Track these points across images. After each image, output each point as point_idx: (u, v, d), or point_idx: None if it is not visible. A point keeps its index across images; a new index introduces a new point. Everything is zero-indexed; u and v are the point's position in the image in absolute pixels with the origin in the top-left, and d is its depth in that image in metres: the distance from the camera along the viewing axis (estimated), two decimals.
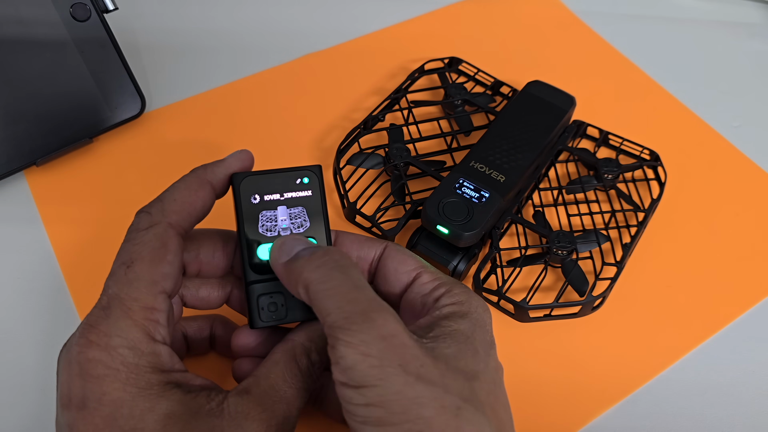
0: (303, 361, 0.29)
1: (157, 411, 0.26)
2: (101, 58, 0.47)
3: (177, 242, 0.29)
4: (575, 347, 0.40)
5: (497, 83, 0.52)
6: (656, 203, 0.45)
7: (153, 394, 0.26)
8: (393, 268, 0.32)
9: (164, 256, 0.28)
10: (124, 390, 0.26)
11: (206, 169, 0.31)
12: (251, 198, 0.31)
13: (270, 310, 0.30)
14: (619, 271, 0.41)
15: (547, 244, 0.42)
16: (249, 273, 0.30)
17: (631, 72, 0.57)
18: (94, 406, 0.26)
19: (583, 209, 0.46)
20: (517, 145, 0.44)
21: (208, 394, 0.27)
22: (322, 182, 0.32)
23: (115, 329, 0.27)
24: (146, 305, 0.28)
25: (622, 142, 0.49)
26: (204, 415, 0.26)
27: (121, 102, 0.48)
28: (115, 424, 0.26)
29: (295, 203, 0.31)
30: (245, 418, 0.27)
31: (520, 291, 0.42)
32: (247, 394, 0.28)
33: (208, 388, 0.28)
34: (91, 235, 0.38)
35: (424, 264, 0.32)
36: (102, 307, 0.28)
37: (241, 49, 0.56)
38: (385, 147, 0.47)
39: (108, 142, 0.48)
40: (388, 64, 0.55)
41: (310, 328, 0.30)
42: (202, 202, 0.30)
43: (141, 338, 0.27)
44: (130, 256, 0.28)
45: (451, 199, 0.41)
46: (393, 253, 0.33)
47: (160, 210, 0.29)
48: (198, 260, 0.32)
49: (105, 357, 0.26)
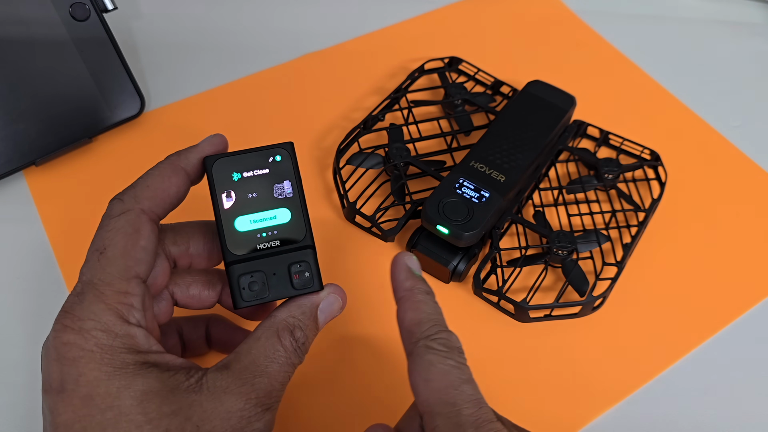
0: (286, 338, 0.29)
1: (134, 388, 0.26)
2: (100, 57, 0.47)
3: (150, 228, 0.29)
4: (575, 347, 0.40)
5: (497, 83, 0.52)
6: (657, 203, 0.45)
7: (129, 373, 0.27)
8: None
9: (137, 242, 0.29)
10: (100, 370, 0.26)
11: (180, 155, 0.31)
12: (224, 179, 0.30)
13: (251, 289, 0.30)
14: (620, 271, 0.41)
15: (548, 244, 0.42)
16: (228, 253, 0.30)
17: (631, 71, 0.57)
18: (72, 387, 0.26)
19: (583, 209, 0.46)
20: (518, 144, 0.44)
21: (188, 372, 0.28)
22: (295, 159, 0.31)
23: (88, 313, 0.27)
24: (119, 290, 0.28)
25: (622, 141, 0.49)
26: (183, 392, 0.27)
27: (120, 102, 0.48)
28: (92, 404, 0.26)
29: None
30: (224, 392, 0.27)
31: (520, 291, 0.42)
32: (227, 369, 0.28)
33: (187, 367, 0.28)
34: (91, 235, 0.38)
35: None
36: (76, 293, 0.28)
37: (241, 49, 0.56)
38: (384, 147, 0.47)
39: (107, 142, 0.48)
40: (388, 64, 0.55)
41: (294, 305, 0.30)
42: (176, 187, 0.30)
43: (114, 321, 0.27)
44: (102, 242, 0.29)
45: (451, 199, 0.41)
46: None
47: (132, 197, 0.29)
48: (188, 253, 0.32)
49: (79, 340, 0.27)
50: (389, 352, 0.39)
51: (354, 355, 0.39)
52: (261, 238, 0.30)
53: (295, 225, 0.31)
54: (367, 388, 0.38)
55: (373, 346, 0.39)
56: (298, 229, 0.31)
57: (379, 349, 0.39)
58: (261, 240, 0.30)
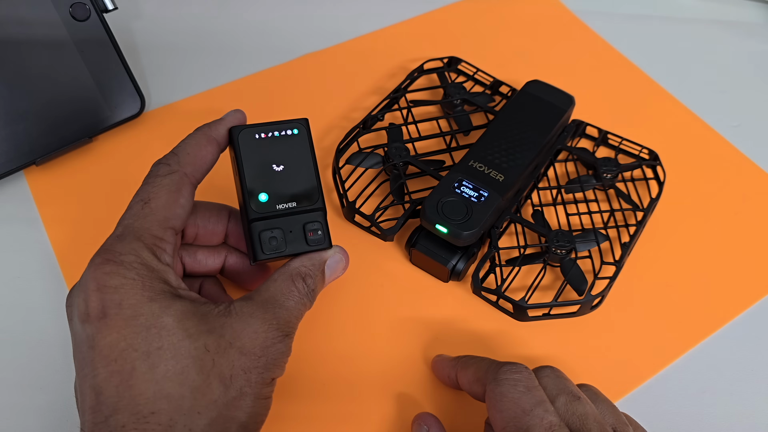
0: (299, 281, 0.33)
1: (174, 308, 0.29)
2: (101, 57, 0.47)
3: (189, 191, 0.33)
4: (574, 346, 0.40)
5: (496, 83, 0.52)
6: (655, 202, 0.46)
7: (167, 297, 0.30)
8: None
9: (177, 199, 0.32)
10: (142, 295, 0.29)
11: (210, 127, 0.35)
12: (249, 146, 0.34)
13: (271, 243, 0.34)
14: (618, 270, 0.42)
15: (546, 244, 0.42)
16: (251, 211, 0.34)
17: (630, 71, 0.57)
18: (114, 311, 0.29)
19: (582, 208, 0.46)
20: (516, 144, 0.44)
21: (214, 303, 0.31)
22: (309, 132, 0.35)
23: (129, 249, 0.30)
24: (156, 235, 0.31)
25: (621, 141, 0.49)
26: (214, 316, 0.30)
27: (120, 101, 0.48)
28: (136, 323, 0.29)
29: None
30: (250, 317, 0.30)
31: (518, 290, 0.42)
32: (251, 299, 0.32)
33: (213, 300, 0.32)
34: (91, 234, 0.39)
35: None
36: (116, 235, 0.31)
37: (241, 49, 0.56)
38: (384, 146, 0.47)
39: (108, 142, 0.48)
40: (387, 64, 0.55)
41: (306, 258, 0.34)
42: (211, 155, 0.34)
43: (151, 258, 0.31)
44: (148, 194, 0.32)
45: (450, 198, 0.41)
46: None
47: (176, 161, 0.33)
48: (195, 224, 0.36)
49: (121, 270, 0.29)
50: (389, 353, 0.39)
51: (353, 356, 0.39)
52: (280, 200, 0.34)
53: (309, 189, 0.35)
54: (366, 388, 0.38)
55: (372, 345, 0.39)
56: (312, 193, 0.34)
57: (378, 350, 0.39)
58: (280, 201, 0.34)
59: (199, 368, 0.28)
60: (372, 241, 0.44)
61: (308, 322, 0.39)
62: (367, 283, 0.42)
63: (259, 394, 0.30)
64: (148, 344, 0.28)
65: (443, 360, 0.37)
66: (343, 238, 0.43)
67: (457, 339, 0.40)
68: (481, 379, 0.33)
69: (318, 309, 0.40)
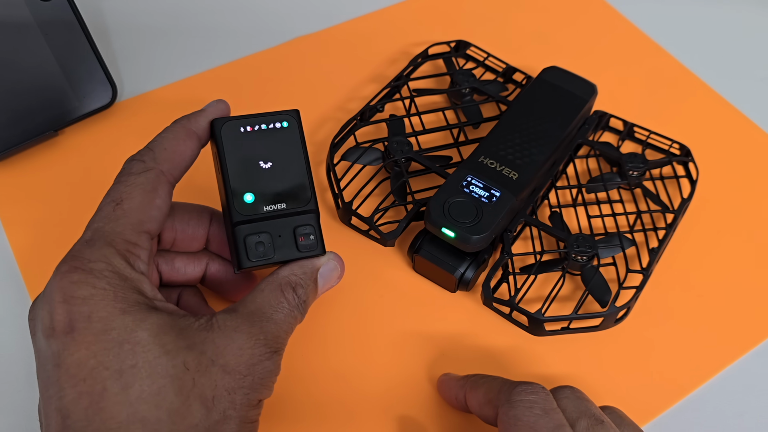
0: (289, 292, 0.33)
1: (149, 322, 0.29)
2: (67, 41, 0.47)
3: (167, 190, 0.33)
4: (596, 364, 0.40)
5: (509, 69, 0.53)
6: (687, 203, 0.46)
7: (142, 309, 0.30)
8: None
9: (153, 200, 0.32)
10: (114, 306, 0.29)
11: (189, 119, 0.35)
12: (232, 141, 0.34)
13: (258, 249, 0.34)
14: (646, 279, 0.42)
15: (565, 249, 0.42)
16: (235, 213, 0.34)
17: (658, 57, 0.57)
18: (83, 326, 0.29)
19: (605, 210, 0.46)
20: (532, 138, 0.45)
21: (195, 316, 0.31)
22: (300, 126, 0.35)
23: (99, 256, 0.30)
24: (129, 240, 0.31)
25: (648, 135, 0.49)
26: (195, 330, 0.30)
27: (89, 90, 0.48)
28: (107, 338, 0.29)
29: None
30: (235, 331, 0.31)
31: (534, 301, 0.42)
32: (235, 312, 0.32)
33: (193, 313, 0.32)
34: (57, 239, 0.39)
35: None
36: (85, 240, 0.31)
37: (224, 32, 0.56)
38: (384, 141, 0.47)
39: (75, 135, 0.48)
40: (387, 49, 0.56)
41: (296, 265, 0.34)
42: (191, 150, 0.34)
43: (124, 265, 0.31)
44: (120, 194, 0.32)
45: (458, 198, 0.41)
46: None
47: (152, 158, 0.33)
48: (173, 228, 0.36)
49: (90, 279, 0.29)
50: (389, 371, 0.40)
51: (349, 374, 0.39)
52: (268, 201, 0.34)
53: (300, 188, 0.35)
54: (364, 410, 0.38)
55: (371, 363, 0.40)
56: (303, 193, 0.35)
57: (377, 368, 0.40)
58: (268, 202, 0.34)
59: (178, 389, 0.29)
60: (370, 246, 0.44)
61: (299, 337, 0.39)
62: (364, 293, 0.42)
63: (245, 418, 0.30)
64: (121, 362, 0.28)
65: (450, 379, 0.38)
66: (338, 244, 0.43)
67: (465, 356, 0.40)
68: (492, 401, 0.33)
69: (310, 322, 0.40)
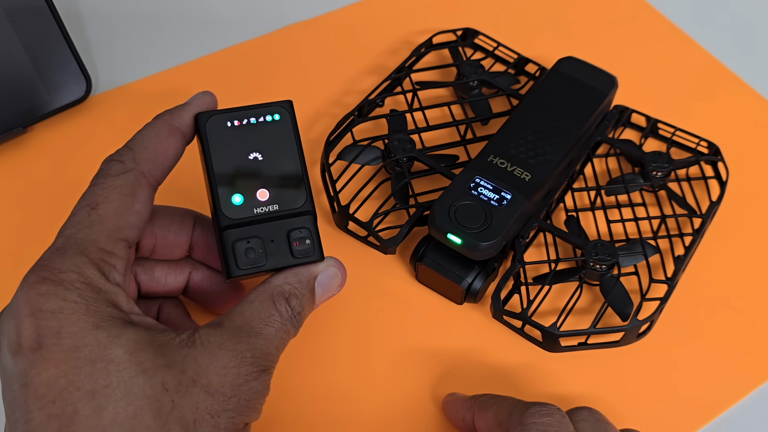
0: (282, 304, 0.33)
1: (125, 338, 0.29)
2: (37, 29, 0.47)
3: (147, 193, 0.33)
4: (617, 383, 0.40)
5: (522, 60, 0.52)
6: (716, 207, 0.46)
7: (117, 324, 0.29)
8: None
9: (132, 204, 0.32)
10: (85, 321, 0.29)
11: (172, 114, 0.34)
12: (219, 137, 0.34)
13: (248, 256, 0.33)
14: (671, 289, 0.42)
15: (583, 257, 0.42)
16: (222, 217, 0.33)
17: (685, 46, 0.57)
18: (52, 342, 0.28)
19: (626, 214, 0.46)
20: (546, 135, 0.45)
21: (175, 331, 0.31)
22: (294, 119, 0.35)
23: (70, 265, 0.30)
24: (104, 248, 0.31)
25: (674, 131, 0.49)
26: (175, 346, 0.30)
27: (61, 83, 0.48)
28: (78, 355, 0.28)
29: None
30: (219, 348, 0.30)
31: (549, 314, 0.42)
32: (220, 326, 0.31)
33: (173, 328, 0.32)
34: (25, 246, 0.39)
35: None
36: (56, 248, 0.31)
37: (210, 19, 0.56)
38: (384, 138, 0.47)
39: (46, 132, 0.48)
40: (388, 37, 0.56)
41: (290, 273, 0.34)
42: (174, 149, 0.34)
43: (98, 276, 0.30)
44: (96, 198, 0.32)
45: (465, 201, 0.41)
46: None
47: (131, 158, 0.33)
48: (153, 234, 0.36)
49: (60, 290, 0.29)
50: (390, 391, 0.39)
51: (347, 394, 0.39)
52: (258, 202, 0.34)
53: (295, 188, 0.34)
54: (364, 424, 0.38)
55: (370, 381, 0.40)
56: (298, 193, 0.34)
57: (378, 387, 0.39)
58: (258, 203, 0.34)
59: (156, 411, 0.28)
60: (369, 254, 0.44)
61: (292, 353, 0.39)
62: (363, 305, 0.42)
63: None
64: (94, 382, 0.28)
65: (457, 400, 0.37)
66: (333, 251, 0.42)
67: (473, 374, 0.40)
68: (503, 423, 0.33)
69: (305, 337, 0.39)
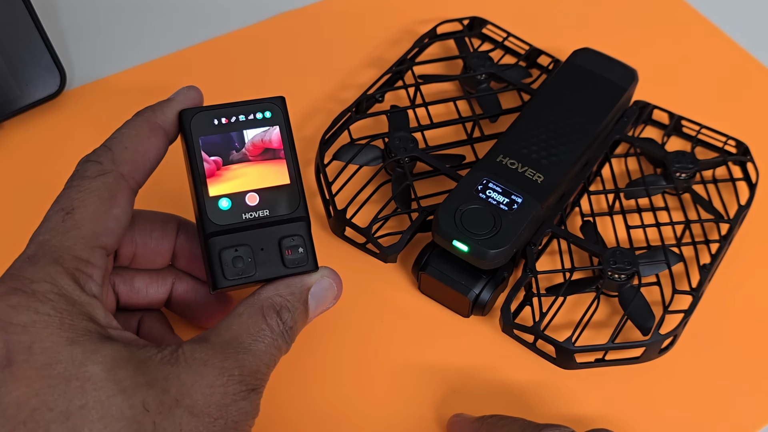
0: (273, 317, 0.33)
1: (102, 354, 0.29)
2: (8, 19, 0.47)
3: (127, 197, 0.33)
4: (636, 402, 0.40)
5: (533, 51, 0.52)
6: (745, 211, 0.46)
7: (93, 339, 0.29)
8: None
9: (110, 209, 0.32)
10: (59, 336, 0.29)
11: (155, 111, 0.34)
12: (205, 134, 0.34)
13: (236, 265, 0.33)
14: (696, 301, 0.42)
15: (600, 266, 0.42)
16: (208, 223, 0.33)
17: (711, 36, 0.57)
18: (23, 358, 0.28)
19: (647, 219, 0.46)
20: (560, 134, 0.45)
21: (157, 346, 0.31)
22: (286, 116, 0.35)
23: (43, 275, 0.30)
24: (80, 257, 0.31)
25: (699, 129, 0.49)
26: (156, 363, 0.30)
27: (33, 77, 0.48)
28: (51, 373, 0.28)
29: None
30: (204, 365, 0.30)
31: (563, 328, 0.42)
32: (206, 342, 0.31)
33: (155, 343, 0.32)
34: None
35: None
36: (27, 256, 0.31)
37: (194, 8, 0.56)
38: (384, 136, 0.47)
39: (17, 130, 0.48)
40: (388, 27, 0.56)
41: (282, 284, 0.34)
42: (156, 149, 0.34)
43: (73, 287, 0.30)
44: (71, 202, 0.32)
45: (472, 205, 0.41)
46: None
47: (110, 159, 0.33)
48: (132, 241, 0.36)
49: (32, 302, 0.29)
50: (391, 410, 0.39)
51: (344, 413, 0.39)
52: (247, 207, 0.34)
53: (287, 191, 0.34)
54: None
55: (369, 400, 0.40)
56: (290, 197, 0.34)
57: (377, 406, 0.40)
58: (247, 208, 0.33)
59: None
60: (368, 262, 0.44)
61: (284, 371, 0.39)
62: (361, 318, 0.42)
63: None
64: (68, 401, 0.28)
65: (463, 421, 0.37)
66: (328, 260, 0.42)
67: (481, 393, 0.40)
68: None
69: (297, 353, 0.39)
